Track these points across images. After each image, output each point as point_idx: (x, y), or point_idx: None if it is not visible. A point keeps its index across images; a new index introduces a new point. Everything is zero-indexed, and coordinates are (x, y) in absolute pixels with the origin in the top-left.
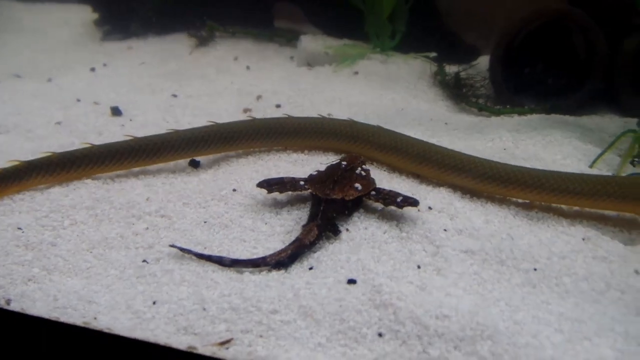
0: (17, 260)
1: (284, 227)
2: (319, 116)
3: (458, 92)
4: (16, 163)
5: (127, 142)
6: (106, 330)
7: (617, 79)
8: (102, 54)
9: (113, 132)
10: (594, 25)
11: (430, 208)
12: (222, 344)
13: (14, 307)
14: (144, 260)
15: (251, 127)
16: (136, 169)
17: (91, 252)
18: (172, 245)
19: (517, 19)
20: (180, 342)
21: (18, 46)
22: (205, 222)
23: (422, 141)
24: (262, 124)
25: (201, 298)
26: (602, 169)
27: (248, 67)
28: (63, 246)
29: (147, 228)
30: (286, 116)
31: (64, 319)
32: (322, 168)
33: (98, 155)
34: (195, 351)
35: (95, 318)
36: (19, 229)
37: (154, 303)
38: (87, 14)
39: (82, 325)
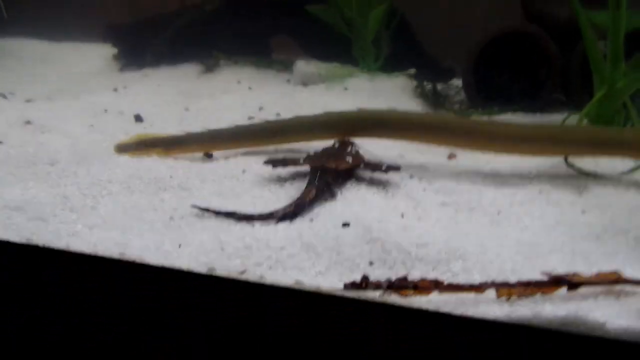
0: (63, 220)
1: (287, 194)
2: None
3: (436, 101)
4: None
5: (264, 123)
6: (138, 260)
7: (570, 81)
8: (122, 80)
9: (137, 132)
10: (545, 37)
11: (411, 176)
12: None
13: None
14: (171, 217)
15: None
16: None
17: (125, 214)
18: (194, 205)
19: (483, 35)
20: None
21: (45, 75)
22: (220, 193)
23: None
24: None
25: (219, 240)
26: None
27: (250, 88)
28: (102, 209)
29: (172, 197)
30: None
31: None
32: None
33: (239, 133)
34: (214, 273)
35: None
36: (65, 197)
37: (179, 246)
38: (106, 51)
39: (118, 257)
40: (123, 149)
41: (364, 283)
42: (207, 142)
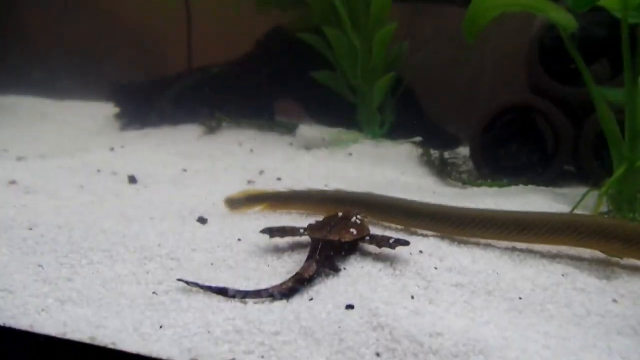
0: (32, 293)
1: (285, 268)
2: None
3: (443, 169)
4: (287, 191)
5: (370, 195)
6: (110, 346)
7: (580, 154)
8: (121, 139)
9: (129, 195)
10: (554, 109)
11: (421, 251)
12: None
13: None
14: (154, 292)
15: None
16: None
17: (104, 287)
18: (180, 279)
19: (489, 109)
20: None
21: (43, 134)
22: (212, 264)
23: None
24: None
25: (206, 322)
26: None
27: (251, 150)
28: (78, 281)
29: (158, 268)
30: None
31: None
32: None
33: (343, 199)
34: None
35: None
36: (40, 266)
37: (160, 327)
38: (109, 109)
39: (88, 341)
40: (232, 203)
41: None
42: (313, 202)
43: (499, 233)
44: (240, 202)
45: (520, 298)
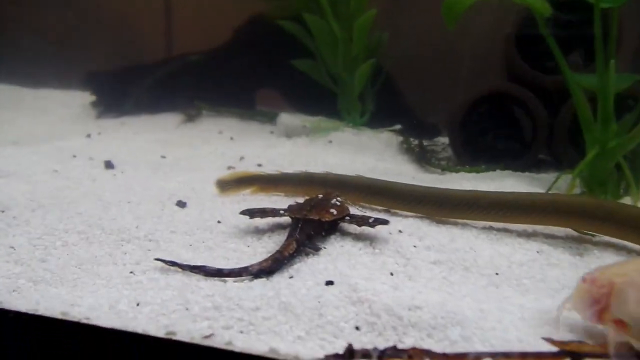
0: (4, 274)
1: (265, 248)
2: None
3: (422, 156)
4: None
5: (361, 178)
6: (84, 321)
7: (557, 140)
8: (97, 127)
9: (106, 180)
10: (531, 97)
11: (400, 231)
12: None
13: None
14: (131, 272)
15: None
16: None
17: (79, 268)
18: (158, 259)
19: (468, 97)
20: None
21: (17, 121)
22: (190, 245)
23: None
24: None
25: (185, 299)
26: None
27: (232, 138)
28: (52, 262)
29: (135, 249)
30: None
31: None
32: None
33: (334, 181)
34: (173, 337)
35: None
36: (12, 247)
37: (137, 304)
38: (85, 98)
39: (60, 316)
40: (223, 185)
41: (349, 353)
42: (302, 184)
43: (483, 213)
44: (230, 184)
45: (497, 274)
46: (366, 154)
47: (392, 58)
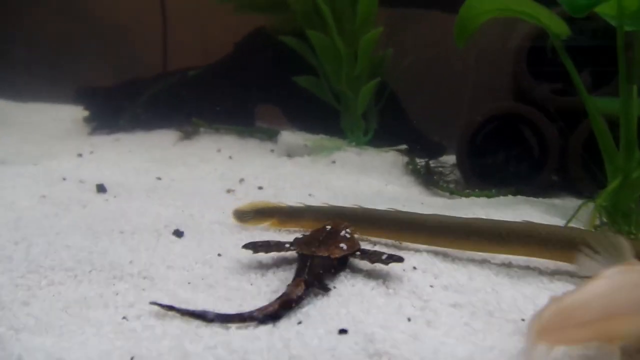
0: None
1: (270, 287)
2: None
3: (429, 179)
4: (300, 205)
5: (389, 212)
6: None
7: (568, 164)
8: (89, 144)
9: (97, 205)
10: (542, 118)
11: (414, 268)
12: None
13: None
14: (124, 317)
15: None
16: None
17: (66, 312)
18: (154, 303)
19: (476, 116)
20: None
21: (3, 138)
22: (189, 283)
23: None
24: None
25: (184, 352)
26: None
27: (230, 157)
28: (36, 306)
29: (129, 288)
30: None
31: None
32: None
33: (359, 215)
34: None
35: None
36: None
37: (131, 359)
38: (77, 113)
39: None
40: (241, 216)
41: None
42: (328, 219)
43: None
44: (249, 215)
45: (523, 320)
46: (371, 174)
47: (396, 75)
